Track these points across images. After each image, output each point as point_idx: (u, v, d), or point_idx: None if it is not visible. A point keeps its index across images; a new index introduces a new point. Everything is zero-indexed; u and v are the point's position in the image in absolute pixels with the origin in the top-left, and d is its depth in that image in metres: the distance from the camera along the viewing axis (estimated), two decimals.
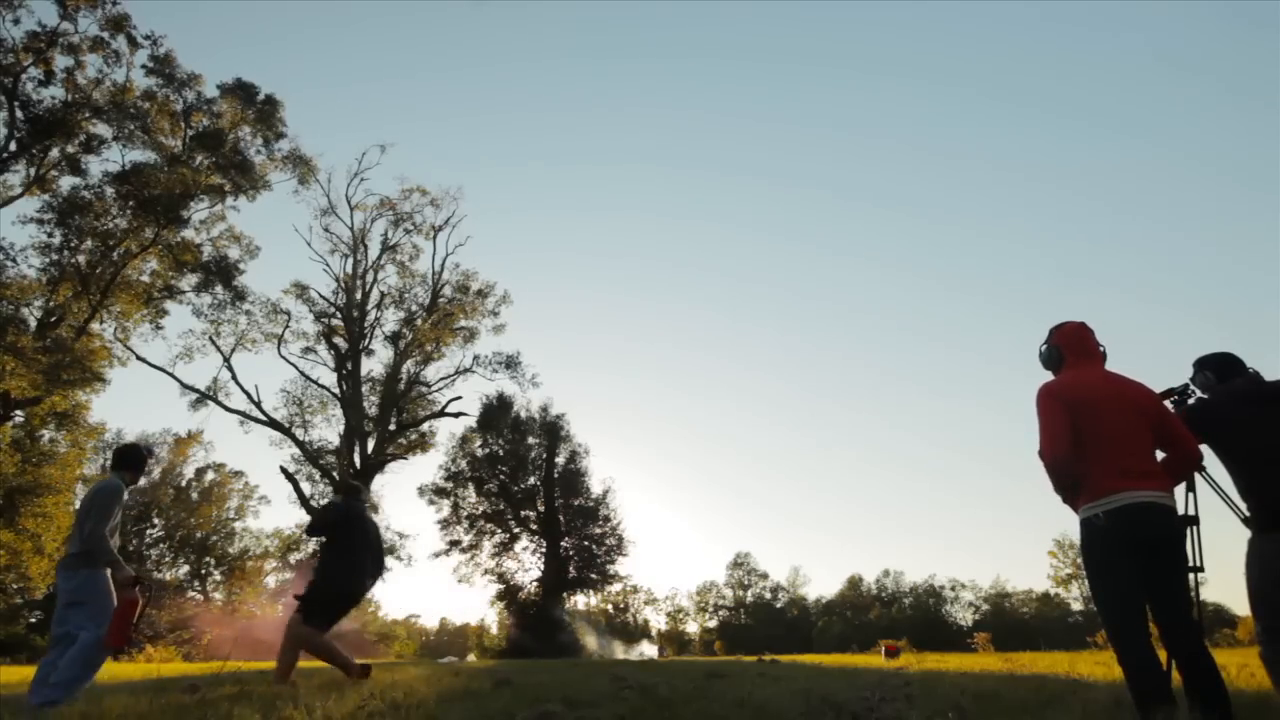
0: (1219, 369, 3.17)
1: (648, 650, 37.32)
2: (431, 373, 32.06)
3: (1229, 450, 3.01)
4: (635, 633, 62.29)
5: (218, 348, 27.19)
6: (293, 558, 30.85)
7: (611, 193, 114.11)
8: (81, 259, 21.34)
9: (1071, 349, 3.07)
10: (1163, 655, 2.66)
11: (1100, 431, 2.79)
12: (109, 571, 4.23)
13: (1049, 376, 3.14)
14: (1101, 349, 3.09)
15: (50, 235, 20.62)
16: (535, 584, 31.39)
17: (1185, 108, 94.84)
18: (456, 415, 32.00)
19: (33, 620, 32.62)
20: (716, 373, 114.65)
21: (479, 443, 32.94)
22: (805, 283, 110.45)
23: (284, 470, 28.48)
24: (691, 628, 74.98)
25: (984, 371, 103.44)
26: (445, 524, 32.00)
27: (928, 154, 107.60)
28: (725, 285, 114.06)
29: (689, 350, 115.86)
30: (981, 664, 9.75)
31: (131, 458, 4.50)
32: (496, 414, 32.46)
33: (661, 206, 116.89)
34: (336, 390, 29.84)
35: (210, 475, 45.35)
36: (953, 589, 68.41)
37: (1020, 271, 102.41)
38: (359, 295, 31.03)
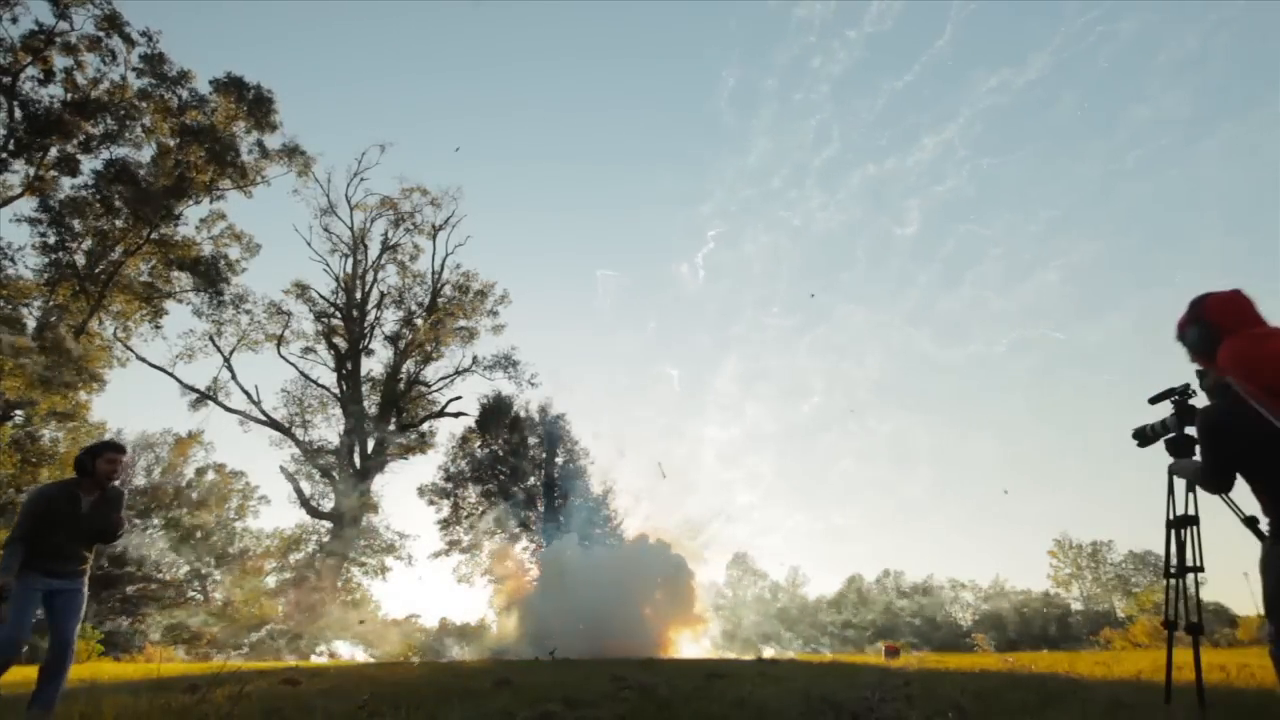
0: None
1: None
2: (431, 373, 32.12)
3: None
4: None
5: (218, 348, 27.21)
6: (293, 557, 30.83)
7: (611, 192, 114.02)
8: (80, 258, 21.32)
9: (1230, 326, 2.41)
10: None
11: None
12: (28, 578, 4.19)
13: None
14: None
15: (44, 235, 20.62)
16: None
17: (1187, 107, 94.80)
18: (456, 415, 32.08)
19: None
20: (716, 371, 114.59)
21: (479, 443, 32.89)
22: (805, 281, 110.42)
23: (284, 470, 28.52)
24: None
25: (985, 370, 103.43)
26: (445, 524, 31.97)
27: (931, 151, 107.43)
28: (725, 284, 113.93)
29: (689, 349, 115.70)
30: (981, 664, 9.74)
31: (77, 463, 4.21)
32: (496, 414, 32.41)
33: (660, 205, 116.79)
34: (336, 390, 29.85)
35: (210, 475, 45.31)
36: (953, 589, 68.34)
37: (1020, 268, 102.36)
38: (359, 295, 31.02)
